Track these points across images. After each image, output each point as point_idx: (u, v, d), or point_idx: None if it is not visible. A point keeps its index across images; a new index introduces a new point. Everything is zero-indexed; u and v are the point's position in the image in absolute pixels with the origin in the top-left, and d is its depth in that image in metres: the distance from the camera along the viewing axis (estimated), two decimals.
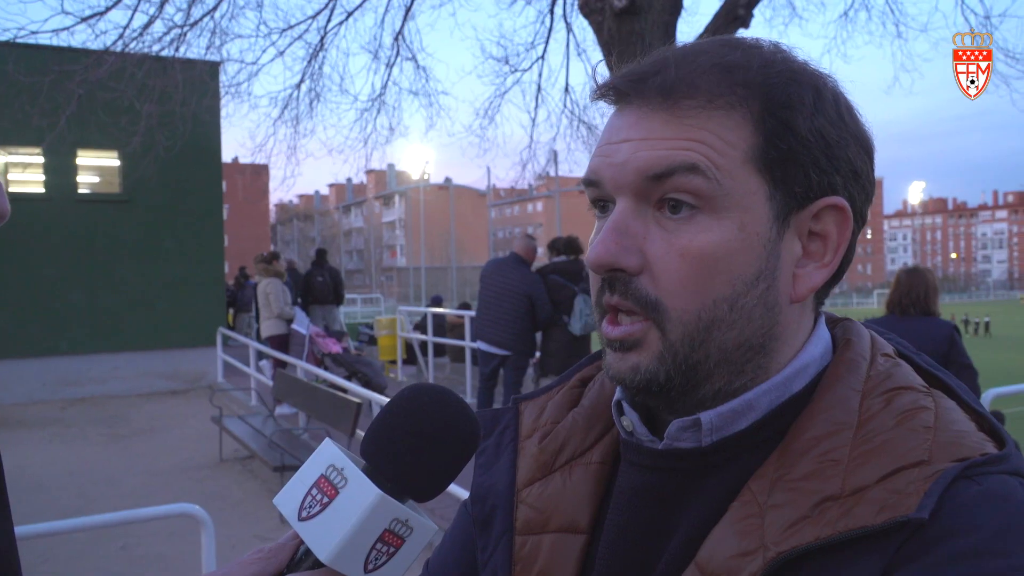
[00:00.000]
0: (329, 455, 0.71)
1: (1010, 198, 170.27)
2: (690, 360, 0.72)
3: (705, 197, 0.69)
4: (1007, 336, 35.41)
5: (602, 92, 0.76)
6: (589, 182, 0.76)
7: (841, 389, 0.72)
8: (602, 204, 0.76)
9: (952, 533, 0.61)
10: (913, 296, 4.49)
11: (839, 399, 0.71)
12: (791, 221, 0.72)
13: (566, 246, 7.91)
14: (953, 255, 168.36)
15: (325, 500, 0.68)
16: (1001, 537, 0.61)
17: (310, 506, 0.68)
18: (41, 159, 12.62)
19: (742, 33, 7.62)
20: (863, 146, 0.74)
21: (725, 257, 0.70)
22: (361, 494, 0.67)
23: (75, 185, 13.39)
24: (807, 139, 0.71)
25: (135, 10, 8.55)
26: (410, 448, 0.70)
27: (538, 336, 8.05)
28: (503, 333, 7.78)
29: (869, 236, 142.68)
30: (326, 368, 9.73)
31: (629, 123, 0.73)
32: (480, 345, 8.08)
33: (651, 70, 0.73)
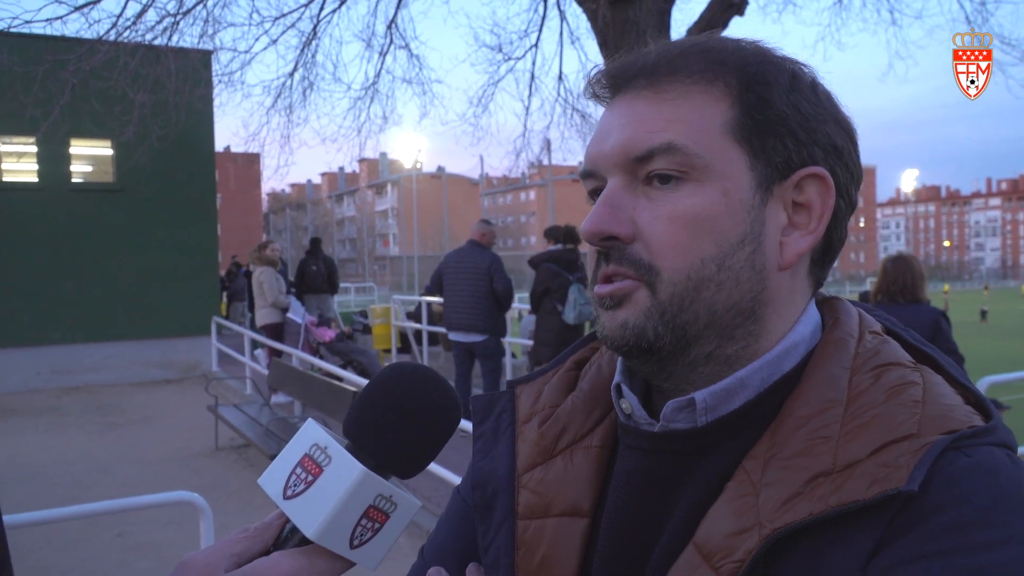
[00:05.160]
0: (312, 435, 0.72)
1: (1003, 186, 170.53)
2: (679, 319, 0.74)
3: (687, 169, 0.74)
4: (1002, 326, 35.48)
5: (594, 87, 0.82)
6: (586, 173, 0.80)
7: (830, 367, 0.74)
8: (597, 196, 0.79)
9: (943, 505, 0.63)
10: (900, 284, 4.53)
11: (828, 377, 0.73)
12: (774, 190, 0.76)
13: (565, 235, 7.92)
14: (946, 243, 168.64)
15: (309, 478, 0.69)
16: (991, 508, 0.62)
17: (295, 485, 0.70)
18: (35, 148, 12.56)
19: (737, 20, 7.63)
20: (843, 127, 0.78)
21: (710, 219, 0.73)
22: (345, 471, 0.68)
23: (69, 174, 13.33)
24: (784, 112, 0.75)
25: None
26: (391, 425, 0.72)
27: (529, 325, 8.07)
28: (469, 316, 7.83)
29: (862, 224, 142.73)
30: (321, 357, 9.75)
31: (618, 110, 0.79)
32: (451, 336, 8.10)
33: (635, 59, 0.79)
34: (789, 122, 0.75)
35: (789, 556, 0.66)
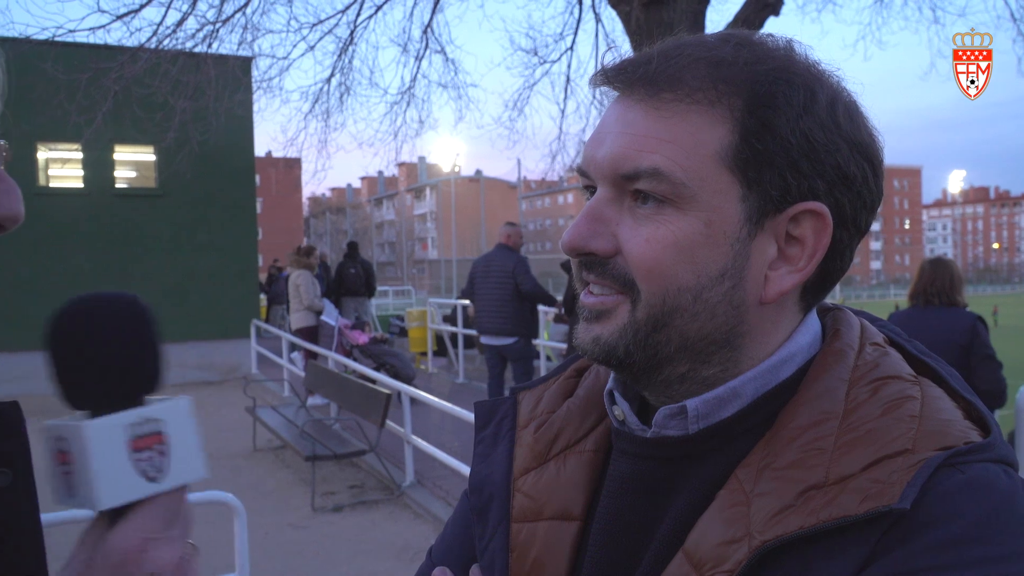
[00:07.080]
0: (50, 435, 0.69)
1: None
2: (650, 340, 0.73)
3: (671, 196, 0.71)
4: None
5: (598, 82, 0.79)
6: (581, 171, 0.78)
7: (828, 379, 0.73)
8: (593, 190, 0.78)
9: (934, 522, 0.61)
10: (937, 286, 4.42)
11: (826, 389, 0.72)
12: (765, 223, 0.72)
13: None
14: (995, 245, 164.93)
15: (68, 468, 0.67)
16: (983, 525, 0.61)
17: (67, 484, 0.67)
18: (80, 155, 12.87)
19: (772, 21, 7.53)
20: (861, 151, 0.73)
21: (688, 250, 0.71)
22: (78, 438, 0.65)
23: (113, 180, 13.66)
24: (787, 140, 0.70)
25: (168, 7, 8.66)
26: (81, 369, 0.68)
27: (557, 335, 8.01)
28: (498, 319, 7.83)
29: (907, 226, 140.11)
30: (355, 359, 9.83)
31: (616, 114, 0.75)
32: (482, 339, 8.11)
33: (639, 61, 0.75)
34: (792, 152, 0.70)
35: (778, 568, 0.65)
